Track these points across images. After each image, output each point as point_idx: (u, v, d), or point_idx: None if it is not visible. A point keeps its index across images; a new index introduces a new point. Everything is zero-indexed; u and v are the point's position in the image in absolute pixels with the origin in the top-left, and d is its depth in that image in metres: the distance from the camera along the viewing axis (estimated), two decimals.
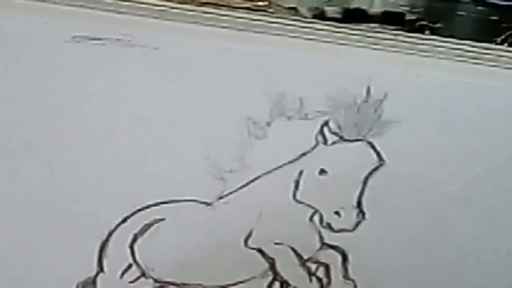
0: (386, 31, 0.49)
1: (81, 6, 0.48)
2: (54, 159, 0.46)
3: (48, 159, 0.46)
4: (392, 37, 0.48)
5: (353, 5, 0.51)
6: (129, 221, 0.45)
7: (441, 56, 0.48)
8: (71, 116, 0.46)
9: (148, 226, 0.45)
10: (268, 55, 0.47)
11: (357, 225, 0.45)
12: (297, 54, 0.48)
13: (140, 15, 0.48)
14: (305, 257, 0.44)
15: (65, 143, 0.46)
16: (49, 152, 0.46)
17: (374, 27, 0.49)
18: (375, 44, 0.48)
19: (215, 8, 0.49)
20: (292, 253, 0.44)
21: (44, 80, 0.47)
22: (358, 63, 0.47)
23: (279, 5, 0.50)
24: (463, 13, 0.51)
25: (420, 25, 0.50)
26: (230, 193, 0.45)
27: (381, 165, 0.45)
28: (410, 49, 0.48)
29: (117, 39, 0.47)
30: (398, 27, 0.49)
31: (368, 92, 0.46)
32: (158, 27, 0.48)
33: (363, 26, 0.49)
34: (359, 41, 0.48)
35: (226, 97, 0.47)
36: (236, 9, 0.49)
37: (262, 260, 0.44)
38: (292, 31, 0.48)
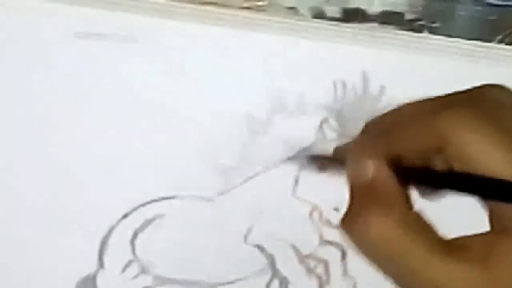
0: (385, 29, 0.49)
1: (83, 3, 0.48)
2: (55, 155, 0.46)
3: (49, 155, 0.46)
4: (391, 35, 0.49)
5: (352, 5, 0.51)
6: (130, 217, 0.45)
7: (439, 54, 0.48)
8: (73, 112, 0.47)
9: (148, 222, 0.45)
10: (268, 53, 0.48)
11: None
12: (297, 52, 0.48)
13: (142, 13, 0.48)
14: (305, 253, 0.45)
15: (67, 139, 0.46)
16: (50, 148, 0.46)
17: (373, 26, 0.49)
18: (374, 42, 0.48)
19: (216, 7, 0.49)
20: (291, 250, 0.44)
21: (47, 76, 0.47)
22: (357, 61, 0.47)
23: (278, 5, 0.50)
24: (461, 12, 0.51)
25: (419, 24, 0.50)
26: (230, 189, 0.45)
27: None
28: (409, 47, 0.48)
29: (120, 36, 0.47)
30: (397, 27, 0.50)
31: (367, 89, 0.47)
32: (160, 25, 0.48)
33: (362, 25, 0.49)
34: (358, 39, 0.48)
35: (227, 94, 0.47)
36: (237, 8, 0.49)
37: (262, 256, 0.44)
38: (291, 30, 0.49)
